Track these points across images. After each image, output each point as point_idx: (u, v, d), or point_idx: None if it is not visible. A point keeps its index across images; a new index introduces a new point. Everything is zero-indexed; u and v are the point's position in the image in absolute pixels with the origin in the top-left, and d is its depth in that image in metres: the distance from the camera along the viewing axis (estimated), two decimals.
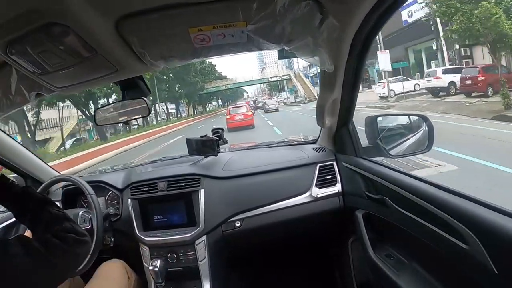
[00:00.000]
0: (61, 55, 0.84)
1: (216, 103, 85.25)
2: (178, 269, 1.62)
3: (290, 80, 59.86)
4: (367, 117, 1.61)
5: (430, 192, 1.01)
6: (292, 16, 0.83)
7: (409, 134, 1.69)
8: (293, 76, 59.12)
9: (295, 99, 49.43)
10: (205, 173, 1.71)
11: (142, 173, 1.82)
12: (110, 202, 1.77)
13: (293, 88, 60.37)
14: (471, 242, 0.82)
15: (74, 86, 1.10)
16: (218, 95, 71.53)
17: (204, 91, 51.36)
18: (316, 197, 1.68)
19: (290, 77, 59.26)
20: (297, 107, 35.19)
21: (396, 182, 1.19)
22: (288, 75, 59.94)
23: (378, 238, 1.43)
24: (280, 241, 1.91)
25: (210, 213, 1.63)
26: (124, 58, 0.95)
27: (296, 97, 51.53)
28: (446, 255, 0.96)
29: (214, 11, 0.81)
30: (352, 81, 1.37)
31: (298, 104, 41.05)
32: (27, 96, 1.13)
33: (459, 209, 0.88)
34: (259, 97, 71.84)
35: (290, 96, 55.29)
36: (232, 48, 1.01)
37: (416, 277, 1.16)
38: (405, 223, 1.14)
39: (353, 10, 0.90)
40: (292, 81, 59.20)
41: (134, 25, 0.81)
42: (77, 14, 0.71)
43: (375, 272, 1.34)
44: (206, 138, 1.81)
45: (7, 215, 1.71)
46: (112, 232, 1.63)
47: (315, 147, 1.92)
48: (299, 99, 47.08)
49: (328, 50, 1.05)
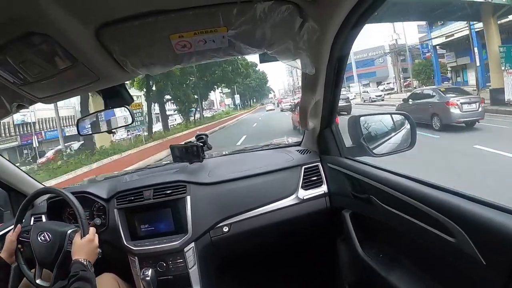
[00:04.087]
0: (42, 65, 0.83)
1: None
2: (168, 277, 1.60)
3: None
4: (350, 117, 1.63)
5: (415, 189, 1.03)
6: (272, 20, 0.84)
7: (392, 133, 1.72)
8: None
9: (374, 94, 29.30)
10: (191, 180, 1.70)
11: (127, 182, 1.79)
12: (96, 213, 1.73)
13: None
14: (457, 235, 0.83)
15: (55, 96, 1.08)
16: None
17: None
18: (302, 198, 1.69)
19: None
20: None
21: (381, 181, 1.21)
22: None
23: (366, 236, 1.45)
24: (269, 244, 1.91)
25: (198, 220, 1.62)
26: (106, 66, 0.94)
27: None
28: (434, 250, 0.98)
29: (194, 18, 0.81)
30: (334, 82, 1.39)
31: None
32: (8, 108, 1.11)
33: (444, 204, 0.90)
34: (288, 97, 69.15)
35: (370, 89, 34.23)
36: (214, 54, 1.02)
37: (406, 273, 1.17)
38: (392, 220, 1.15)
39: (332, 13, 0.91)
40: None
41: (114, 33, 0.81)
42: (56, 23, 0.71)
43: (364, 270, 1.35)
44: (190, 144, 1.80)
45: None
46: (99, 243, 1.61)
47: (300, 149, 1.94)
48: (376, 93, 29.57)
49: (309, 53, 1.06)
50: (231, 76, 27.04)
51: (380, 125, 1.79)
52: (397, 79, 36.55)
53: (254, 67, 41.90)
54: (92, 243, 1.35)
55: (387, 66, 43.98)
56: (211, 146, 1.89)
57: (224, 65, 24.66)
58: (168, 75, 19.25)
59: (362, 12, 0.94)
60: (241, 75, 29.89)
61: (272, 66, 76.58)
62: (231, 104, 61.79)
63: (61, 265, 1.38)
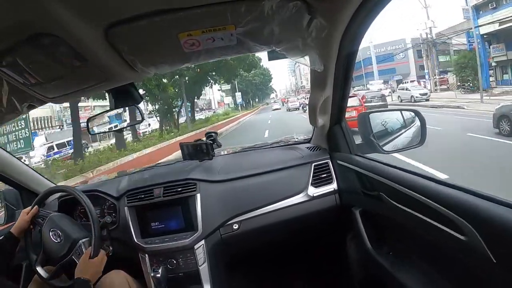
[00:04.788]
0: (51, 66, 0.84)
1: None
2: (178, 275, 1.62)
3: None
4: (360, 114, 1.62)
5: (426, 186, 1.02)
6: (280, 17, 0.83)
7: (402, 129, 1.70)
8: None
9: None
10: (201, 178, 1.71)
11: (137, 181, 1.81)
12: (107, 211, 1.75)
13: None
14: (468, 233, 0.82)
15: (65, 96, 1.09)
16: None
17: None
18: (312, 196, 1.68)
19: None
20: None
21: (391, 178, 1.19)
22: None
23: (376, 234, 1.44)
24: (278, 241, 1.91)
25: (208, 217, 1.63)
26: (115, 66, 0.95)
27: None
28: (444, 247, 0.97)
29: (202, 16, 0.81)
30: (343, 79, 1.38)
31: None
32: (19, 108, 1.12)
33: (455, 201, 0.88)
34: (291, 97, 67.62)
35: (411, 85, 26.22)
36: (222, 52, 1.01)
37: (416, 270, 1.16)
38: (402, 218, 1.14)
39: (341, 9, 0.90)
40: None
41: (123, 32, 0.81)
42: (65, 23, 0.71)
43: (374, 267, 1.35)
44: (200, 142, 1.81)
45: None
46: (110, 241, 1.62)
47: (310, 146, 1.93)
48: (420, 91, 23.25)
49: (317, 49, 1.05)
50: (231, 63, 20.35)
51: (389, 121, 1.77)
52: (431, 75, 31.09)
53: (258, 61, 36.49)
54: (98, 268, 1.36)
55: (409, 62, 40.18)
56: (221, 144, 1.90)
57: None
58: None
59: (371, 7, 0.93)
60: (244, 62, 23.01)
61: (273, 65, 75.08)
62: (231, 103, 55.33)
63: (63, 268, 1.41)
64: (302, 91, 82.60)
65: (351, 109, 9.85)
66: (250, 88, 56.74)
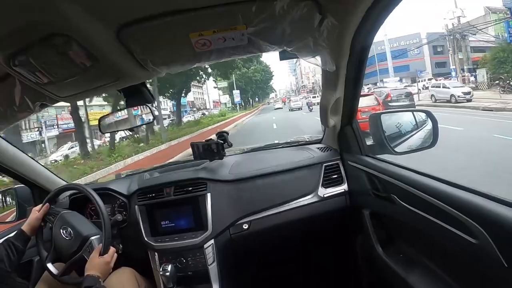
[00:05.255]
0: (63, 65, 0.85)
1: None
2: (187, 273, 1.63)
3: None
4: (371, 115, 1.60)
5: (437, 188, 1.01)
6: (291, 17, 0.83)
7: (414, 130, 1.68)
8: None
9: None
10: (211, 177, 1.71)
11: (148, 179, 1.83)
12: (118, 209, 1.77)
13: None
14: (479, 236, 0.81)
15: (77, 95, 1.11)
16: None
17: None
18: (322, 197, 1.68)
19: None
20: None
21: (402, 179, 1.18)
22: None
23: (386, 235, 1.43)
24: (288, 242, 1.91)
25: (218, 217, 1.64)
26: (126, 65, 0.96)
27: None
28: (455, 250, 0.96)
29: (213, 16, 0.81)
30: (354, 79, 1.37)
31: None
32: (31, 107, 1.14)
33: (466, 204, 0.87)
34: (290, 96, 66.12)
35: (450, 82, 20.53)
36: (233, 51, 1.02)
37: (426, 273, 1.15)
38: (413, 220, 1.13)
39: (352, 8, 0.89)
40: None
41: (135, 32, 0.82)
42: (78, 24, 0.72)
43: (384, 269, 1.34)
44: (211, 141, 1.82)
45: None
46: (120, 239, 1.64)
47: (320, 147, 1.92)
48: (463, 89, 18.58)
49: (329, 49, 1.05)
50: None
51: (401, 122, 1.75)
52: (458, 71, 27.26)
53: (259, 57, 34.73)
54: (108, 265, 1.37)
55: (424, 58, 38.06)
56: (232, 144, 1.90)
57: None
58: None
59: (382, 7, 0.92)
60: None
61: (272, 64, 73.72)
62: (228, 102, 50.30)
63: (74, 264, 1.43)
64: (303, 90, 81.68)
65: (368, 109, 8.77)
66: (250, 85, 51.83)
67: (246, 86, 49.56)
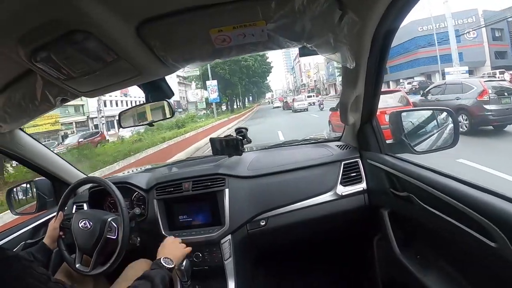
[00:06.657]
0: (84, 61, 0.87)
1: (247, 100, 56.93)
2: (203, 268, 1.64)
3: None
4: (391, 113, 1.58)
5: (456, 189, 0.99)
6: (311, 13, 0.82)
7: (434, 130, 1.65)
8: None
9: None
10: (230, 173, 1.72)
11: (167, 174, 1.85)
12: (136, 203, 1.80)
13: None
14: (498, 239, 0.80)
15: (98, 90, 1.12)
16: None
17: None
18: (341, 195, 1.66)
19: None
20: None
21: (422, 179, 1.16)
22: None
23: (404, 236, 1.41)
24: (305, 239, 1.90)
25: (235, 213, 1.64)
26: (146, 61, 0.97)
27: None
28: (473, 254, 0.94)
29: (233, 12, 0.81)
30: (375, 76, 1.34)
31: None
32: (53, 101, 1.17)
33: (486, 206, 0.85)
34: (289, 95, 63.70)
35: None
36: (253, 47, 1.01)
37: (443, 275, 1.13)
38: (432, 221, 1.11)
39: (373, 4, 0.88)
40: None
41: (155, 29, 0.83)
42: (98, 21, 0.73)
43: (401, 270, 1.32)
44: (230, 138, 1.82)
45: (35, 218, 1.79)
46: (138, 232, 1.67)
47: (340, 145, 1.90)
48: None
49: (349, 46, 1.03)
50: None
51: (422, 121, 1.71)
52: None
53: None
54: (175, 243, 1.46)
55: (483, 44, 27.92)
56: (251, 140, 1.90)
57: None
58: None
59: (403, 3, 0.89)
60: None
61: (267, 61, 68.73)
62: (201, 101, 33.68)
63: (101, 251, 1.45)
64: (302, 90, 77.47)
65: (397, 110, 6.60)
66: (238, 76, 35.10)
67: (231, 77, 33.62)
